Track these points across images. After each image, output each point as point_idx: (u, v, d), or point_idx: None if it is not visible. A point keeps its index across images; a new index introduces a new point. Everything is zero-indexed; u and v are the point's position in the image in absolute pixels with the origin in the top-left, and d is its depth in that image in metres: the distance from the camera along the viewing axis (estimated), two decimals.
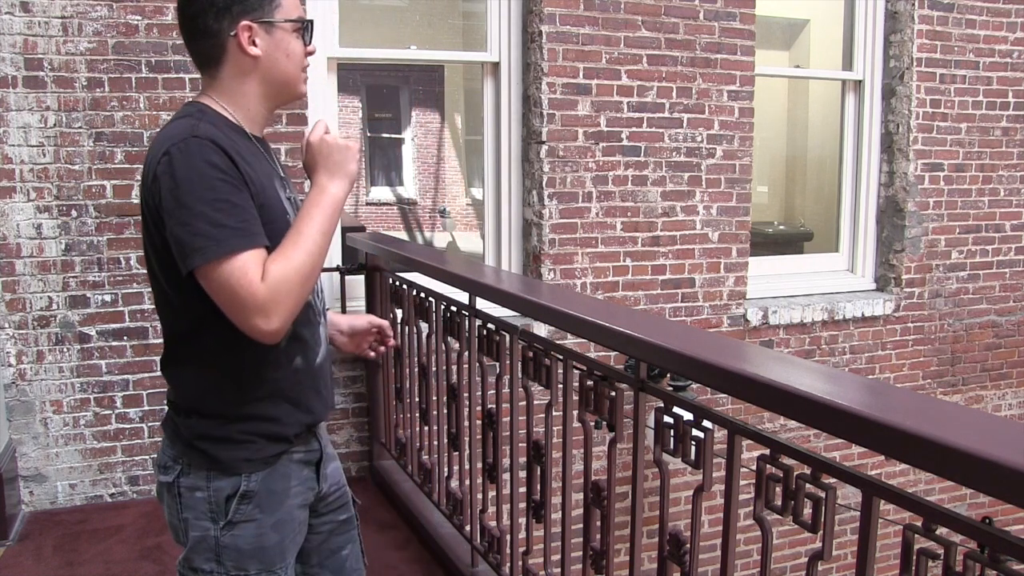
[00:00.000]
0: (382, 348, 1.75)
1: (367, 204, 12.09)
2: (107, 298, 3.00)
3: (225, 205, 1.23)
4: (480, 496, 2.40)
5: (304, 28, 1.39)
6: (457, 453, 2.47)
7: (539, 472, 2.03)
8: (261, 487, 1.38)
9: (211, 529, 1.36)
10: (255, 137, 1.40)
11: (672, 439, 1.55)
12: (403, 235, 11.66)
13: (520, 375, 2.07)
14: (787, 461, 1.30)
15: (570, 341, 2.90)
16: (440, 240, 11.88)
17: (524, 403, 2.07)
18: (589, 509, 1.83)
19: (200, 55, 1.36)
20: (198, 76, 3.03)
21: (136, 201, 2.98)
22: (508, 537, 2.24)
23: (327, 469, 1.55)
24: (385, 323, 1.74)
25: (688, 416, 1.51)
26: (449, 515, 2.57)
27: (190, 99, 1.40)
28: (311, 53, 1.42)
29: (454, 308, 2.40)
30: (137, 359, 3.05)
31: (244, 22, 1.31)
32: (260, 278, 1.23)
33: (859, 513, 1.16)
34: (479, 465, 2.34)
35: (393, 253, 2.81)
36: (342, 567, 1.63)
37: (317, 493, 1.52)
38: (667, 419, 1.56)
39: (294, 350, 1.40)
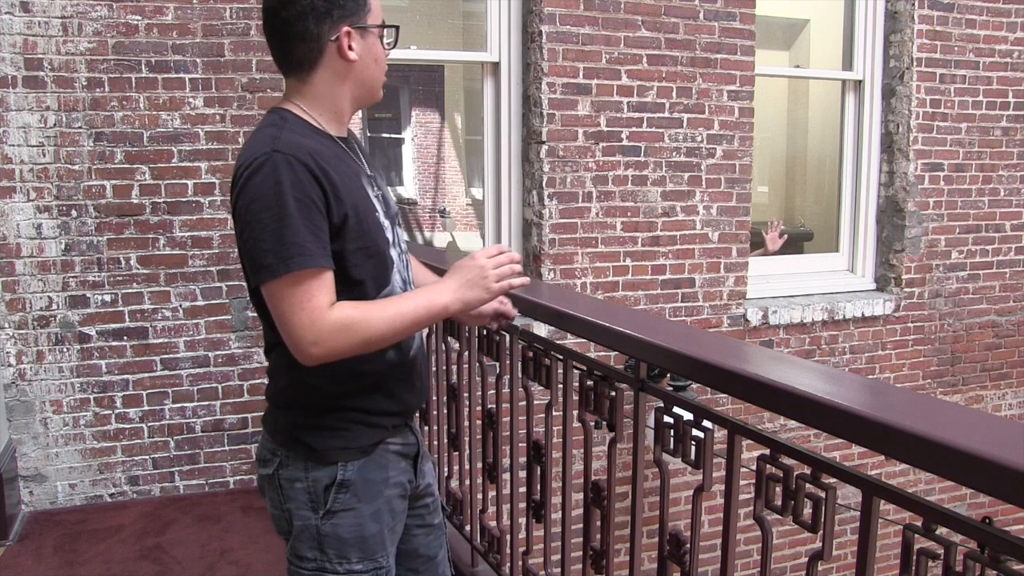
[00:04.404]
0: (504, 320, 1.70)
1: None
2: (107, 298, 2.99)
3: (295, 223, 1.22)
4: (480, 496, 2.40)
5: (387, 33, 1.40)
6: (457, 453, 2.47)
7: (539, 472, 2.03)
8: (358, 476, 1.40)
9: (312, 518, 1.39)
10: (340, 138, 1.40)
11: (672, 439, 1.54)
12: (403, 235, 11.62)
13: (520, 375, 2.07)
14: (787, 461, 1.30)
15: (570, 341, 2.90)
16: (440, 240, 11.84)
17: (524, 403, 2.07)
18: (589, 509, 1.83)
19: (293, 58, 1.34)
20: (198, 76, 3.06)
21: (136, 201, 3.00)
22: (508, 537, 2.24)
23: (424, 466, 1.58)
24: (509, 308, 1.66)
25: (688, 416, 1.51)
26: (449, 515, 2.56)
27: (274, 106, 1.39)
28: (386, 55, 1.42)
29: None
30: (137, 359, 3.05)
31: (344, 27, 1.31)
32: (328, 305, 1.24)
33: (859, 513, 1.16)
34: (479, 465, 2.33)
35: None
36: (436, 574, 1.66)
37: (415, 488, 1.55)
38: (667, 419, 1.56)
39: None
